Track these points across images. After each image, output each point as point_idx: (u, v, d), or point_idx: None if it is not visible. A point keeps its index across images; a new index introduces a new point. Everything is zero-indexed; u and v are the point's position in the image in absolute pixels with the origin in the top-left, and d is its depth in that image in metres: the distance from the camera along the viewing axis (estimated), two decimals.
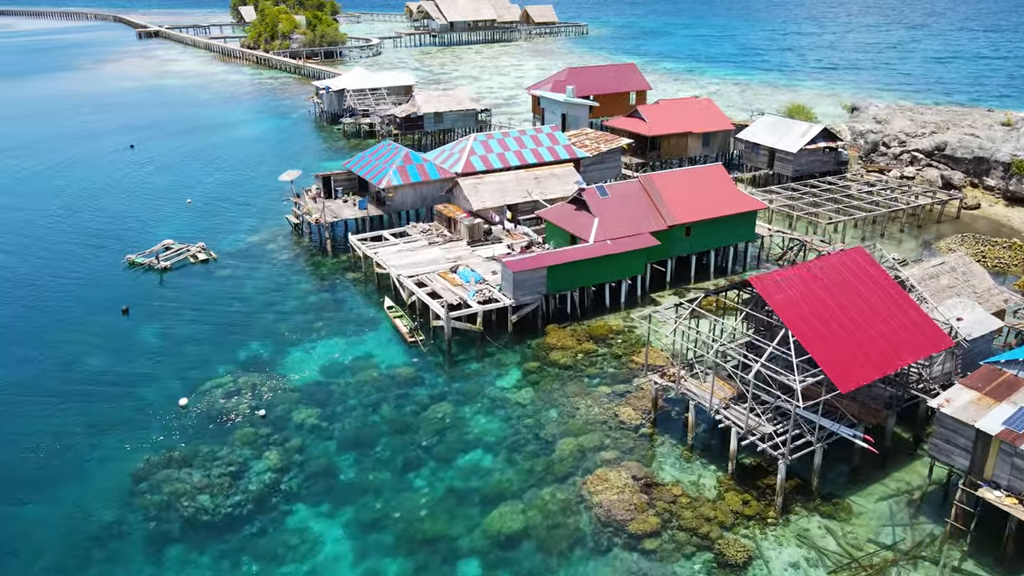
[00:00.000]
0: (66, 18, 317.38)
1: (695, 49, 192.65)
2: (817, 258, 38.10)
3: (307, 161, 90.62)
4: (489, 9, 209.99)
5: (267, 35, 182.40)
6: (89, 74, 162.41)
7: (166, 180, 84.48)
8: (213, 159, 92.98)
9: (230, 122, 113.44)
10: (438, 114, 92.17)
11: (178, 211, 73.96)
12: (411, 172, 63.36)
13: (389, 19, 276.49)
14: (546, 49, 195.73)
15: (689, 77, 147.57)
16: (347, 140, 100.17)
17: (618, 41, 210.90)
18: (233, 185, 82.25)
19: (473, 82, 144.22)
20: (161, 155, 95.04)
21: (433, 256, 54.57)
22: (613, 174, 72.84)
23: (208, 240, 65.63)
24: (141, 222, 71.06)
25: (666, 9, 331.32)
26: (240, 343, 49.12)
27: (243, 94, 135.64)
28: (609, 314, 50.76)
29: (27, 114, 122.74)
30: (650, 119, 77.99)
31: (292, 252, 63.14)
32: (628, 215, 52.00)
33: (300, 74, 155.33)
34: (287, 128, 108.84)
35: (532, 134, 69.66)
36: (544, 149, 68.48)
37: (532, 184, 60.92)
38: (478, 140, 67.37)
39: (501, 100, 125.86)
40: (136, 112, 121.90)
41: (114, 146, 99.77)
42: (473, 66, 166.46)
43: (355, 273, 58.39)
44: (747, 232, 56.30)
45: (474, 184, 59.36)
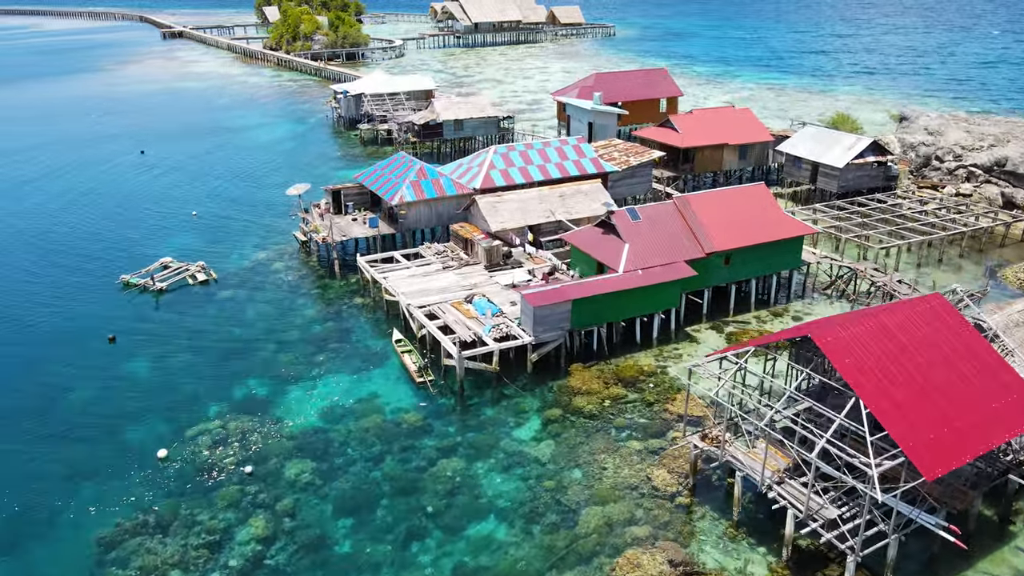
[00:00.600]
0: (94, 18, 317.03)
1: (725, 52, 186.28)
2: (887, 305, 32.64)
3: (321, 170, 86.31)
4: (515, 10, 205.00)
5: (289, 36, 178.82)
6: (110, 76, 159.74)
7: (173, 189, 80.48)
8: (224, 167, 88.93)
9: (246, 127, 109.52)
10: (458, 121, 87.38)
11: (182, 224, 69.79)
12: (426, 188, 58.61)
13: (414, 20, 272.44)
14: (572, 51, 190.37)
15: (720, 81, 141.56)
16: (364, 147, 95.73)
17: (645, 43, 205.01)
18: (242, 196, 78.03)
19: (496, 85, 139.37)
20: (172, 161, 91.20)
21: (447, 283, 49.72)
22: (643, 189, 67.58)
23: (211, 257, 61.39)
24: (142, 235, 66.96)
25: (694, 10, 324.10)
26: (236, 378, 44.64)
27: (262, 97, 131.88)
28: (640, 351, 45.59)
29: (40, 116, 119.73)
30: (683, 129, 72.57)
31: (298, 273, 58.62)
32: (661, 241, 46.78)
33: (320, 76, 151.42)
34: (303, 134, 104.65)
35: (557, 146, 64.59)
36: (570, 163, 63.38)
37: (556, 203, 55.88)
38: (498, 153, 62.45)
39: (525, 105, 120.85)
40: (152, 116, 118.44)
41: (124, 151, 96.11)
42: (497, 68, 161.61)
43: (363, 299, 53.71)
44: (793, 259, 50.83)
45: (493, 203, 54.43)
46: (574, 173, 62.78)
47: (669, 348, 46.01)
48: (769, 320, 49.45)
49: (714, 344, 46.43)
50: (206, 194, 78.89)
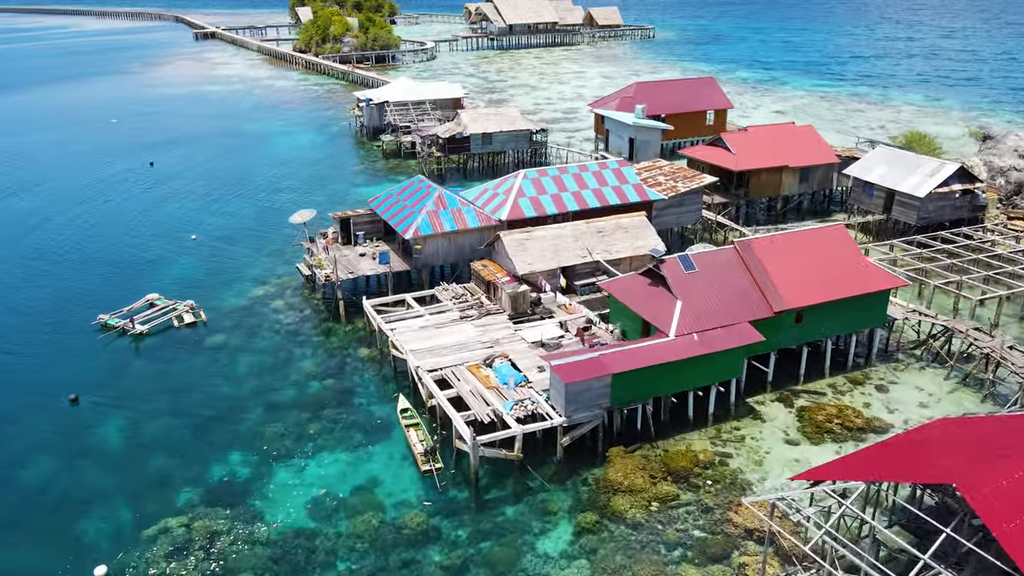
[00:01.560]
0: (132, 18, 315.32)
1: (771, 56, 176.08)
2: None
3: (337, 185, 79.25)
4: (551, 11, 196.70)
5: (318, 38, 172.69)
6: (135, 78, 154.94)
7: (178, 206, 73.92)
8: (236, 180, 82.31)
9: (266, 135, 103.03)
10: (486, 135, 79.71)
11: (180, 249, 63.05)
12: (445, 218, 51.02)
13: (448, 20, 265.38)
14: (609, 54, 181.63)
15: (767, 89, 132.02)
16: (386, 160, 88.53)
17: (686, 46, 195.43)
18: (250, 215, 71.18)
19: (530, 91, 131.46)
20: (180, 174, 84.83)
21: (465, 337, 42.07)
22: (692, 219, 59.30)
23: (206, 291, 54.55)
24: (133, 263, 60.29)
25: (737, 11, 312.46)
26: (216, 452, 37.56)
27: (285, 103, 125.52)
28: (693, 431, 37.52)
29: (55, 122, 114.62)
30: (737, 150, 64.04)
31: (299, 313, 51.40)
32: (721, 297, 38.64)
33: (347, 81, 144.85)
34: (323, 144, 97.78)
35: (595, 170, 56.56)
36: (609, 190, 55.34)
37: (594, 241, 47.89)
38: (528, 178, 54.63)
39: (560, 114, 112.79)
40: (170, 122, 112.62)
41: (132, 162, 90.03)
42: (531, 73, 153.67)
43: (369, 350, 46.28)
44: (877, 316, 42.29)
45: (520, 241, 46.61)
46: (614, 201, 54.71)
47: (728, 427, 37.85)
48: (848, 390, 40.99)
49: (783, 423, 38.17)
50: (212, 212, 72.20)
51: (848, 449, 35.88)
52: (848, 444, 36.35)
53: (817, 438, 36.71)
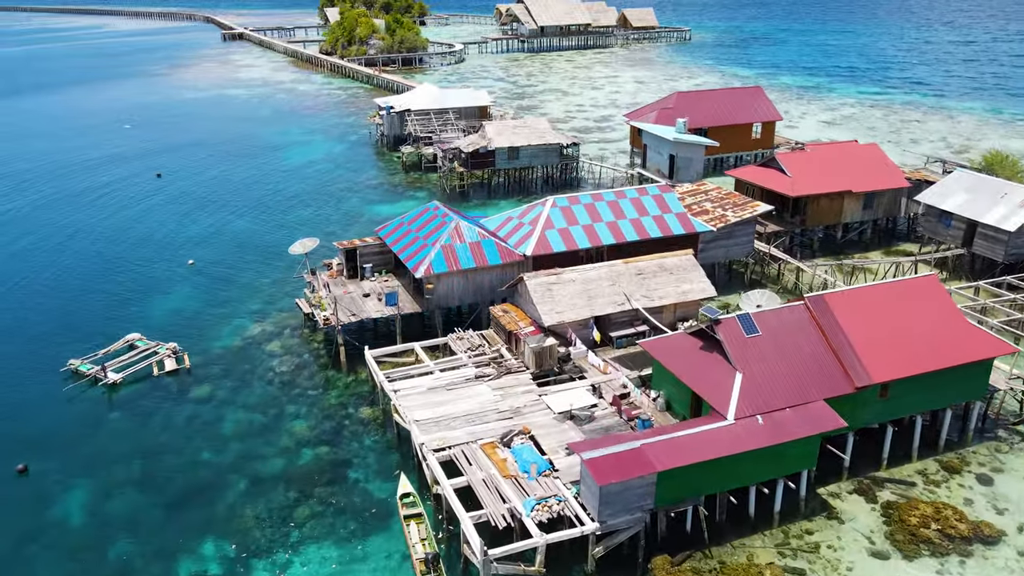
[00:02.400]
0: (164, 18, 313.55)
1: (815, 59, 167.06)
2: None
3: (351, 203, 73.03)
4: (584, 12, 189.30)
5: (344, 40, 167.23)
6: (156, 81, 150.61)
7: (178, 225, 68.14)
8: (245, 194, 76.48)
9: (282, 144, 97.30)
10: (513, 149, 72.95)
11: (174, 276, 57.17)
12: (462, 254, 44.41)
13: (479, 21, 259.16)
14: (644, 58, 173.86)
15: (813, 96, 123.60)
16: (405, 174, 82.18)
17: (724, 49, 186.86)
18: (255, 235, 65.16)
19: (561, 97, 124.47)
20: (188, 188, 79.22)
21: (479, 403, 35.43)
22: (743, 252, 52.06)
23: (197, 328, 48.62)
24: (121, 293, 54.35)
25: (775, 12, 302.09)
26: (187, 539, 31.54)
27: (305, 108, 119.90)
28: (754, 534, 30.50)
29: (68, 129, 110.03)
30: (794, 172, 56.60)
31: (296, 359, 45.10)
32: (791, 367, 31.55)
33: (372, 84, 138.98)
34: (341, 155, 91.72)
35: (633, 197, 49.52)
36: (649, 220, 48.30)
37: (632, 284, 40.95)
38: (558, 207, 47.78)
39: (592, 123, 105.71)
40: (186, 128, 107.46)
41: (140, 173, 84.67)
42: (563, 77, 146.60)
43: (371, 410, 39.82)
44: (976, 387, 34.88)
45: (547, 286, 39.81)
46: (655, 234, 47.70)
47: (798, 530, 30.75)
48: (942, 479, 33.61)
49: (867, 526, 30.95)
50: (214, 232, 66.32)
51: (952, 567, 28.64)
52: (952, 560, 29.08)
53: (912, 550, 29.46)
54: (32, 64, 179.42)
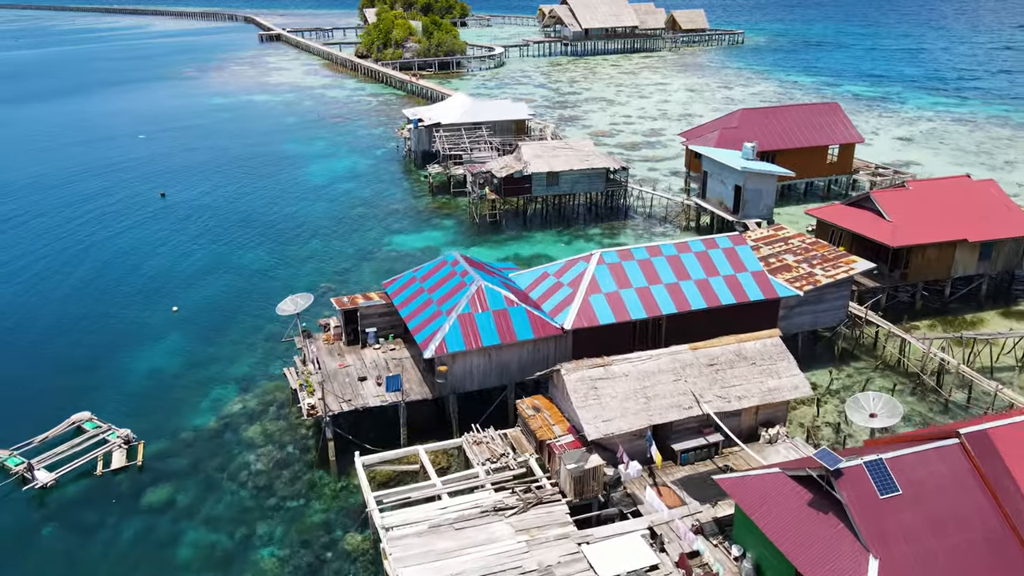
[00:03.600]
0: (204, 19, 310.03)
1: (880, 66, 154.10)
2: None
3: (370, 234, 64.17)
4: (631, 15, 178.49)
5: (380, 43, 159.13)
6: (183, 85, 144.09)
7: (171, 258, 59.83)
8: (254, 220, 68.13)
9: (302, 157, 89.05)
10: (552, 174, 63.33)
11: (152, 328, 48.67)
12: (483, 326, 35.08)
13: (521, 22, 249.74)
14: (695, 63, 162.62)
15: (885, 108, 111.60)
16: (432, 197, 73.10)
17: (781, 54, 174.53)
18: (255, 279, 56.47)
19: (607, 107, 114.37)
20: (192, 210, 71.16)
21: (495, 555, 26.02)
22: (835, 319, 41.81)
23: (166, 402, 40.11)
24: (84, 349, 45.95)
25: (831, 13, 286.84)
26: None
27: (333, 116, 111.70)
28: None
29: (76, 138, 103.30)
30: (894, 215, 46.10)
31: (279, 452, 36.20)
32: (950, 546, 21.55)
33: (405, 91, 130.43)
34: (365, 172, 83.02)
35: (699, 251, 39.61)
36: (720, 282, 38.41)
37: (703, 378, 31.16)
38: (606, 264, 38.11)
39: (640, 137, 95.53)
40: (203, 139, 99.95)
41: (143, 191, 76.92)
42: (608, 83, 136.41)
43: (360, 539, 30.67)
44: None
45: (592, 384, 30.22)
46: (727, 300, 37.81)
47: None
48: None
49: None
50: (211, 267, 57.95)
51: None
52: None
53: None
54: (62, 67, 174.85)
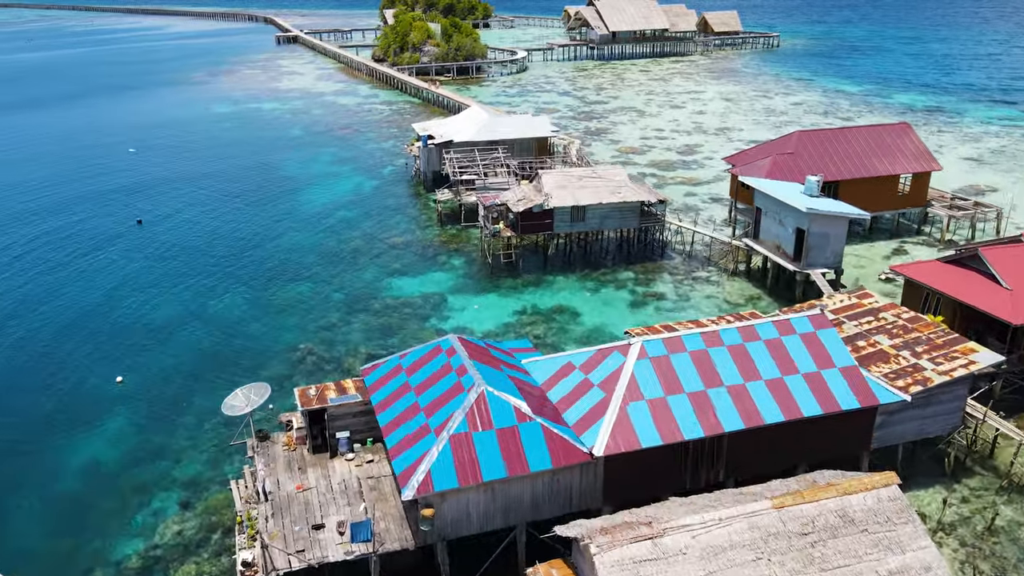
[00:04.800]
0: (224, 19, 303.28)
1: (929, 73, 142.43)
2: None
3: (367, 274, 55.14)
4: (660, 17, 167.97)
5: (396, 46, 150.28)
6: (189, 91, 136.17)
7: (132, 306, 50.87)
8: (236, 259, 59.28)
9: (302, 179, 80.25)
10: (578, 208, 53.84)
11: (83, 410, 39.63)
12: (484, 451, 25.78)
13: (546, 24, 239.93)
14: (729, 68, 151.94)
15: (943, 122, 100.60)
16: (441, 228, 63.89)
17: (819, 59, 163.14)
18: (226, 337, 47.37)
19: (637, 119, 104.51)
20: (170, 242, 62.50)
21: None
22: (947, 427, 31.93)
23: (80, 525, 31.24)
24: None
25: (869, 14, 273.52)
26: None
27: (341, 127, 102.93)
28: None
29: (61, 150, 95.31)
30: (1012, 280, 36.11)
31: None
32: None
33: (420, 98, 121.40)
34: (369, 196, 74.00)
35: (770, 338, 29.88)
36: (799, 383, 28.73)
37: (794, 555, 21.54)
38: (648, 358, 28.58)
39: (675, 154, 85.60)
40: (198, 153, 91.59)
41: (120, 217, 68.39)
42: (637, 91, 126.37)
43: None
44: None
45: (635, 568, 20.73)
46: (812, 410, 28.16)
47: None
48: None
49: None
50: (174, 322, 49.02)
51: None
52: None
53: None
54: (67, 71, 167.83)
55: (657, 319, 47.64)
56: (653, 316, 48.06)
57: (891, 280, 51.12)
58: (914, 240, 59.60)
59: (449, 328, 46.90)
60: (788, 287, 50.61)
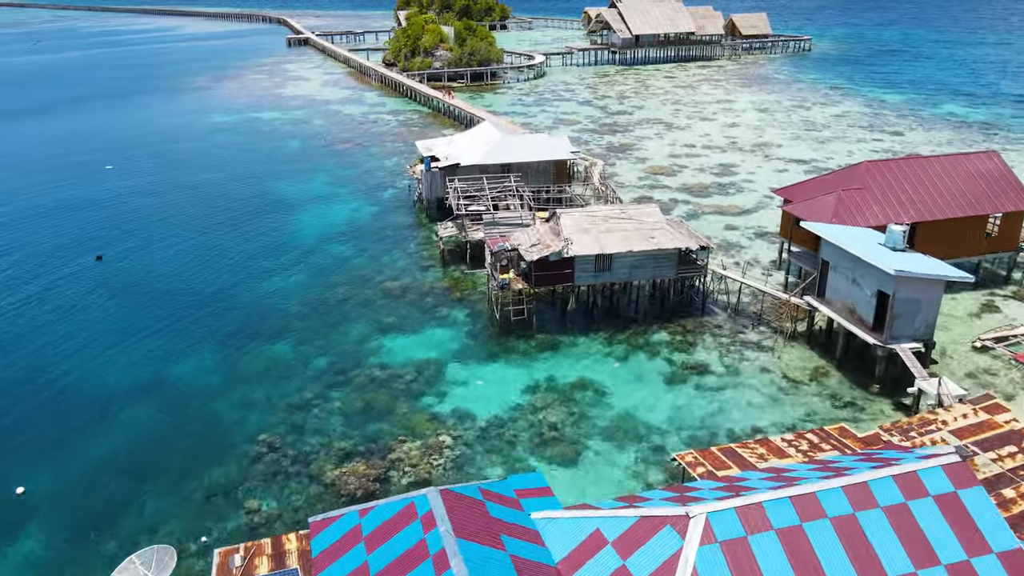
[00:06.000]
0: (238, 20, 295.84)
1: (975, 80, 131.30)
2: None
3: (352, 331, 45.94)
4: (687, 19, 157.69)
5: (407, 50, 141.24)
6: (188, 97, 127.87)
7: (63, 379, 41.76)
8: (205, 306, 50.34)
9: (292, 203, 71.34)
10: (604, 257, 44.39)
11: None
12: None
13: (565, 25, 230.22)
14: (759, 74, 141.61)
15: (1004, 137, 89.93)
16: (443, 268, 54.64)
17: (854, 65, 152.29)
18: (171, 428, 38.45)
19: (664, 133, 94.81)
20: (129, 285, 53.61)
21: None
22: None
23: None
24: None
25: (901, 17, 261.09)
26: None
27: (343, 142, 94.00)
28: None
29: (32, 166, 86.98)
30: None
31: None
32: None
33: (430, 107, 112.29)
34: (365, 226, 64.90)
35: (894, 502, 20.21)
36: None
37: None
38: (718, 543, 19.05)
39: (710, 176, 75.73)
40: (184, 169, 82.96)
41: (77, 250, 59.57)
42: (663, 100, 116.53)
43: None
44: None
45: None
46: None
47: None
48: None
49: None
50: (113, 399, 40.03)
51: None
52: None
53: None
54: (66, 74, 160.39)
55: (701, 402, 38.19)
56: (696, 398, 38.57)
57: (988, 349, 41.31)
58: (1005, 292, 49.58)
59: (445, 412, 37.72)
60: (859, 357, 41.02)
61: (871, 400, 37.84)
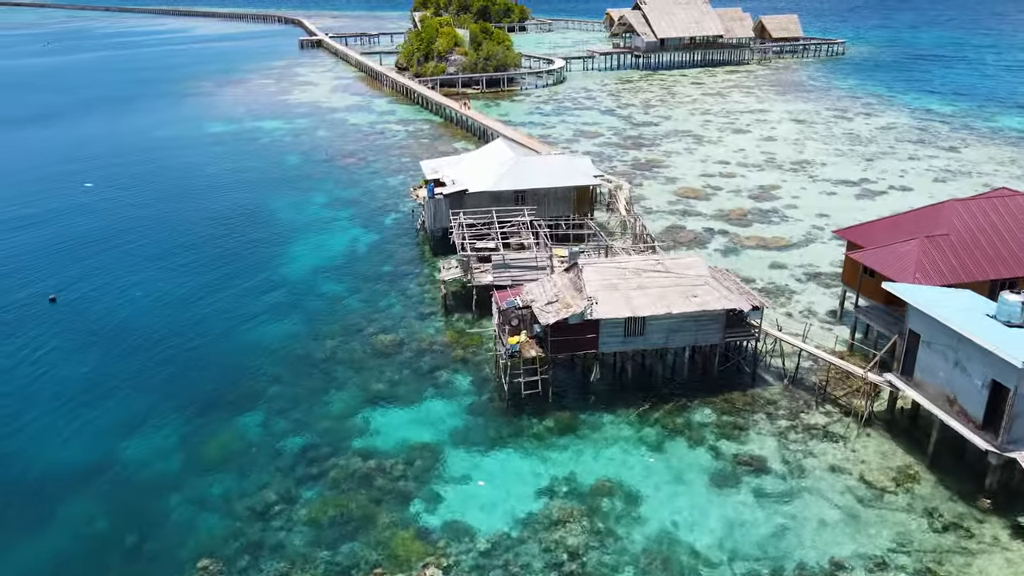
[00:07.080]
0: (253, 21, 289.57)
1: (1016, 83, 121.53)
2: None
3: (334, 407, 38.17)
4: (715, 22, 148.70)
5: (420, 54, 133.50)
6: (188, 104, 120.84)
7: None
8: (168, 366, 42.71)
9: (283, 232, 63.60)
10: (636, 320, 36.23)
11: None
12: None
13: (586, 27, 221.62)
14: (793, 80, 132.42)
15: None
16: (446, 316, 46.68)
17: (894, 71, 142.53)
18: (116, 525, 31.08)
19: (695, 147, 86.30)
20: (81, 337, 45.99)
21: None
22: None
23: None
24: None
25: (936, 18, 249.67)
26: None
27: (346, 155, 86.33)
28: None
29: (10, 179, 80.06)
30: None
31: None
32: None
33: (441, 116, 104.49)
34: (361, 260, 57.06)
35: None
36: None
37: None
38: None
39: (749, 200, 67.15)
40: (169, 189, 75.57)
41: (28, 289, 52.01)
42: (691, 108, 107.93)
43: None
44: None
45: None
46: None
47: None
48: None
49: None
50: (44, 489, 32.51)
51: None
52: None
53: None
54: (69, 77, 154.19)
55: (759, 516, 29.96)
56: (753, 510, 30.34)
57: None
58: None
59: (436, 526, 29.81)
60: (958, 456, 32.51)
61: (981, 520, 29.43)
